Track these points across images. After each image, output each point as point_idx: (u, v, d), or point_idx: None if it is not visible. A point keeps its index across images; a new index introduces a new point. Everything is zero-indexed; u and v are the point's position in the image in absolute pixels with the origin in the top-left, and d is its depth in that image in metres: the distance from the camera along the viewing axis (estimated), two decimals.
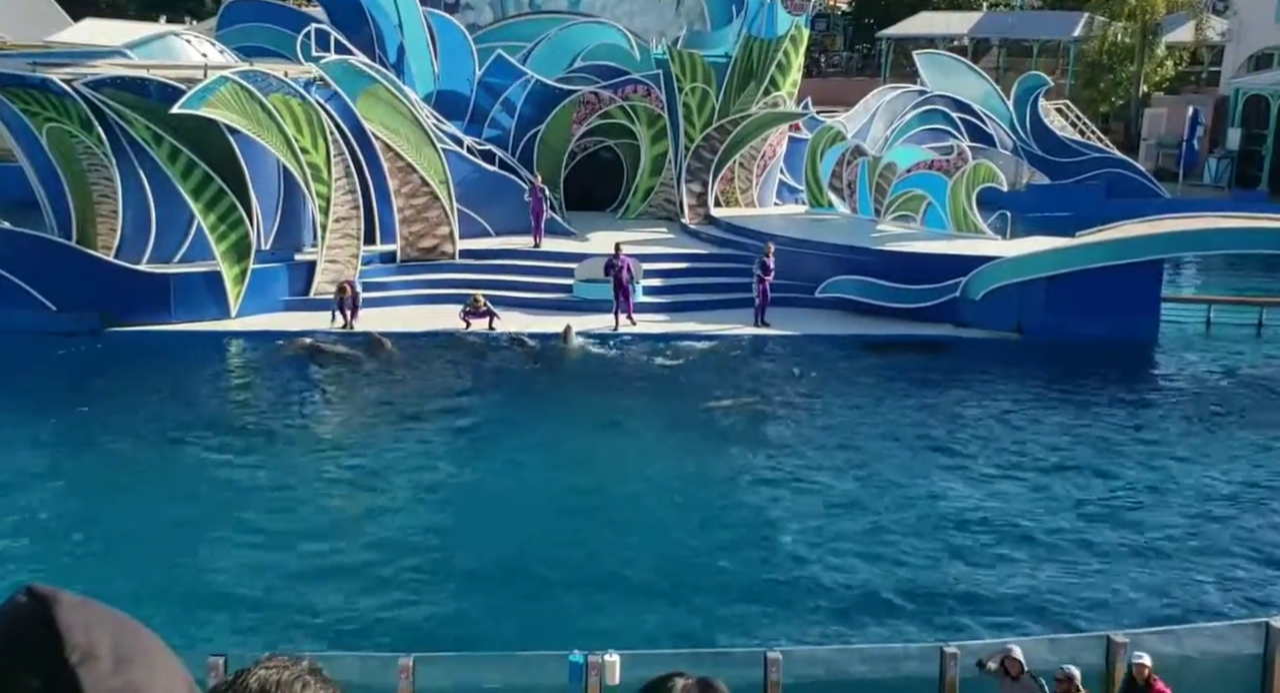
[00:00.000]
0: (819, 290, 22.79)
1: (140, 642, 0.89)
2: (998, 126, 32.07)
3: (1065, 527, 13.76)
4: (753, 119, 26.15)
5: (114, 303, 20.39)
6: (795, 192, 28.69)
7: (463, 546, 13.02)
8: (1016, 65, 46.27)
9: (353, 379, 19.14)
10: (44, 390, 17.94)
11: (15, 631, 0.85)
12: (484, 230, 24.38)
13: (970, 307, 21.99)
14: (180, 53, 25.60)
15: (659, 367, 19.98)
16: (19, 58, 24.08)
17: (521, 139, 26.39)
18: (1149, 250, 21.98)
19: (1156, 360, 21.58)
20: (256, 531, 13.23)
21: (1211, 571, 12.74)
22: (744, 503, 14.66)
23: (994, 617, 11.47)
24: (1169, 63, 43.50)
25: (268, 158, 21.31)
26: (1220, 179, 39.18)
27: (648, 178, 27.40)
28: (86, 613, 0.87)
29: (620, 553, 12.78)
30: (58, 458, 15.74)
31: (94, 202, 21.01)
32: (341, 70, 22.69)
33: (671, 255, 24.11)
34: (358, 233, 22.30)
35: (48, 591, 0.88)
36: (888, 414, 17.78)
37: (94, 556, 12.62)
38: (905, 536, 13.32)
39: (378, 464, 15.47)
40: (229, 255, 20.97)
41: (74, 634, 0.84)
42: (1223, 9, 47.59)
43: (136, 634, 0.90)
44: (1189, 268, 29.37)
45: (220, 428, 16.62)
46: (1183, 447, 16.80)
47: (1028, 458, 16.08)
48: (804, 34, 27.00)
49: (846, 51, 58.67)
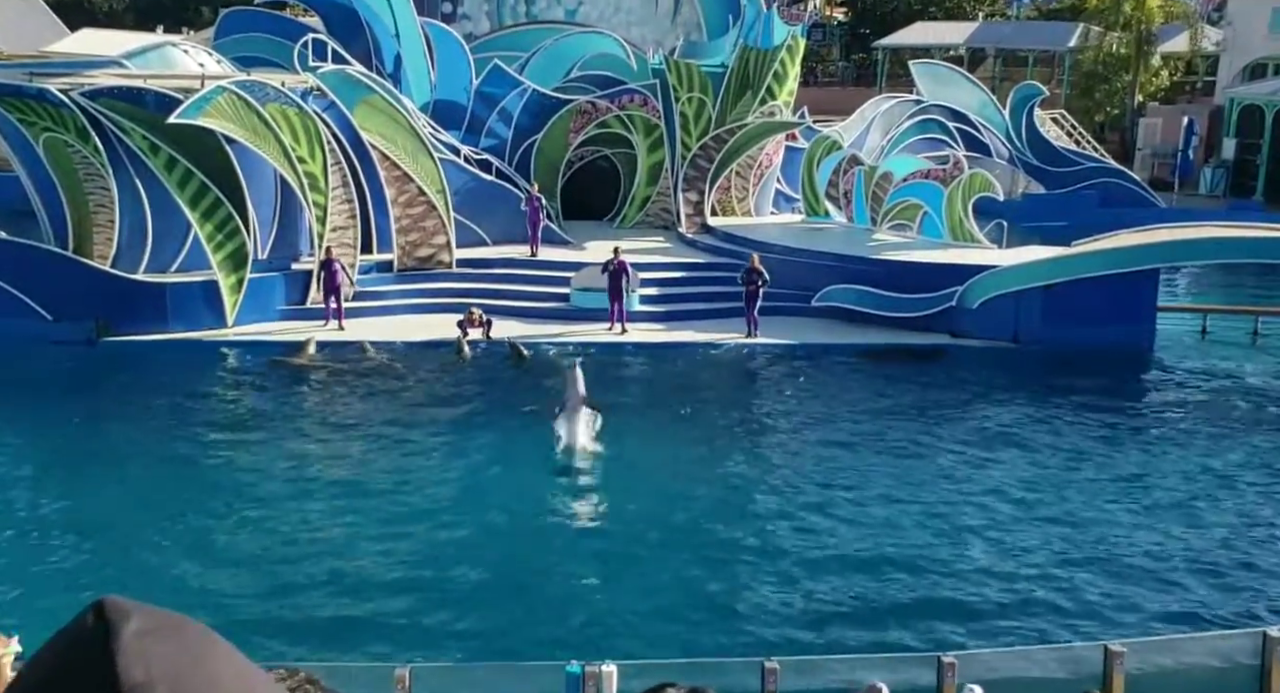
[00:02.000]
0: (815, 299, 22.81)
1: (208, 675, 0.81)
2: (993, 136, 32.16)
3: (1059, 535, 13.75)
4: (749, 128, 26.20)
5: (110, 312, 20.37)
6: (792, 201, 28.74)
7: (464, 558, 12.98)
8: (1012, 75, 46.43)
9: (346, 390, 19.09)
10: (38, 399, 17.89)
11: (73, 657, 0.79)
12: (480, 240, 24.40)
13: (966, 315, 22.02)
14: (177, 63, 25.61)
15: (656, 374, 19.96)
16: (16, 68, 24.07)
17: (518, 148, 26.43)
18: (1145, 259, 22.03)
19: (1152, 369, 21.61)
20: (249, 540, 13.20)
21: (1208, 579, 12.72)
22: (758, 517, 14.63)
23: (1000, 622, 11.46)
24: (1164, 73, 43.64)
25: (265, 167, 21.32)
26: (1215, 189, 39.29)
27: (644, 187, 27.44)
28: (153, 643, 0.79)
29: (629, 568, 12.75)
30: (47, 465, 15.67)
31: (90, 211, 21.01)
32: (338, 80, 22.72)
33: (668, 264, 24.13)
34: (355, 242, 22.32)
35: (116, 613, 0.80)
36: (883, 421, 17.77)
37: (80, 562, 12.57)
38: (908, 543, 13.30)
39: (373, 475, 15.43)
40: (226, 265, 20.96)
41: (132, 672, 0.77)
42: (1217, 19, 47.77)
43: (203, 666, 0.81)
44: (1185, 277, 29.44)
45: (211, 437, 16.58)
46: (1182, 455, 16.81)
47: (1036, 466, 16.09)
48: (800, 44, 27.08)
49: (843, 61, 58.83)
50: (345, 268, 21.62)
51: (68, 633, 0.80)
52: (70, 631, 0.80)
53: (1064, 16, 51.63)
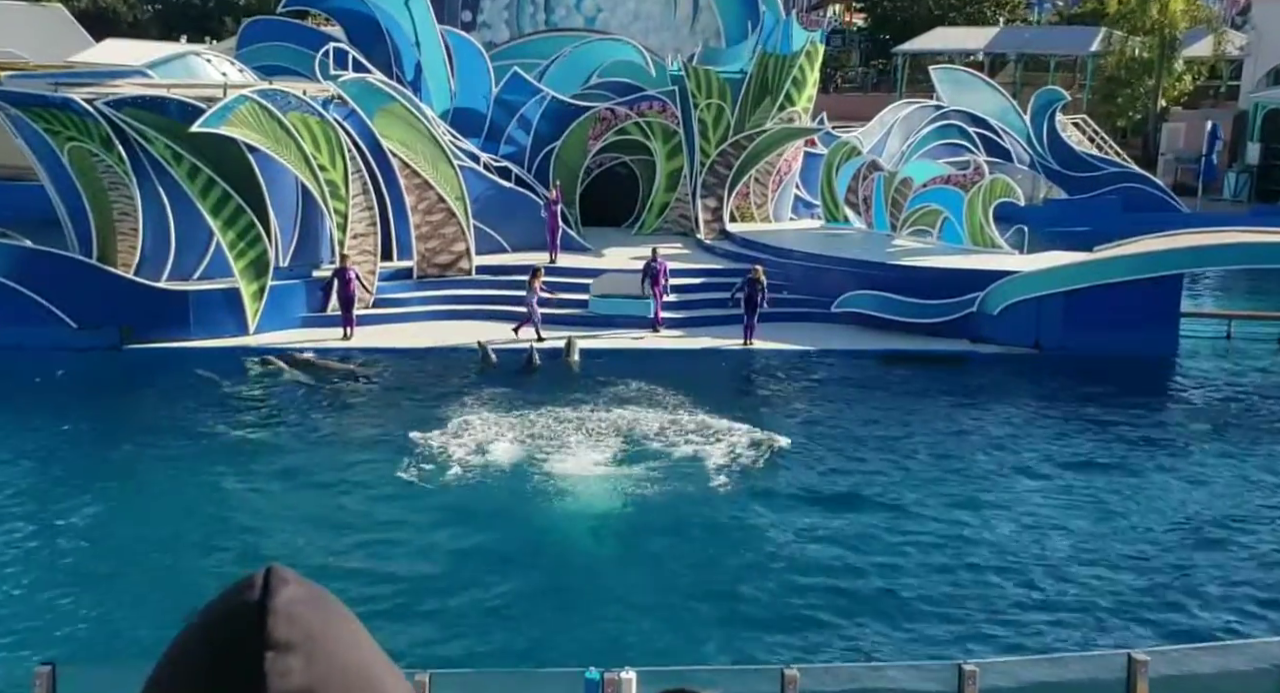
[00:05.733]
0: (835, 305, 22.75)
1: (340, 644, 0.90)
2: (1014, 141, 32.00)
3: (1087, 544, 13.65)
4: (768, 134, 26.18)
5: (134, 319, 20.53)
6: (811, 206, 28.69)
7: (482, 568, 12.99)
8: (1033, 80, 46.19)
9: (362, 397, 19.15)
10: (60, 404, 18.04)
11: (232, 608, 0.89)
12: (500, 246, 24.46)
13: (988, 321, 21.90)
14: (200, 72, 25.84)
15: (659, 381, 19.87)
16: (41, 78, 24.35)
17: (537, 155, 26.50)
18: (1168, 265, 21.85)
19: (1177, 375, 21.42)
20: (258, 545, 13.24)
21: (1238, 586, 12.60)
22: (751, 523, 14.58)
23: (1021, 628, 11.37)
24: (1187, 77, 43.34)
25: (286, 175, 21.45)
26: (1239, 194, 38.98)
27: (663, 193, 27.45)
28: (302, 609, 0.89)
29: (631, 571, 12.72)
30: (59, 470, 15.75)
31: (114, 219, 21.18)
32: (359, 88, 22.85)
33: (687, 270, 24.12)
34: (375, 249, 22.41)
35: (277, 579, 0.90)
36: (912, 428, 17.68)
37: (98, 568, 12.66)
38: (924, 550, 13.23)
39: (393, 482, 15.46)
40: (247, 272, 21.09)
41: (279, 630, 0.87)
42: (1241, 23, 47.42)
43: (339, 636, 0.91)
44: (1208, 282, 29.19)
45: (225, 444, 16.66)
46: (1211, 464, 16.66)
47: (1056, 473, 15.98)
48: (819, 50, 27.05)
49: (862, 67, 58.72)
50: (361, 277, 21.67)
51: (234, 588, 0.91)
52: (236, 587, 0.91)
53: (1086, 21, 51.35)
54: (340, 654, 0.90)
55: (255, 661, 0.86)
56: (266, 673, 0.86)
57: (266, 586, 0.89)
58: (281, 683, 0.86)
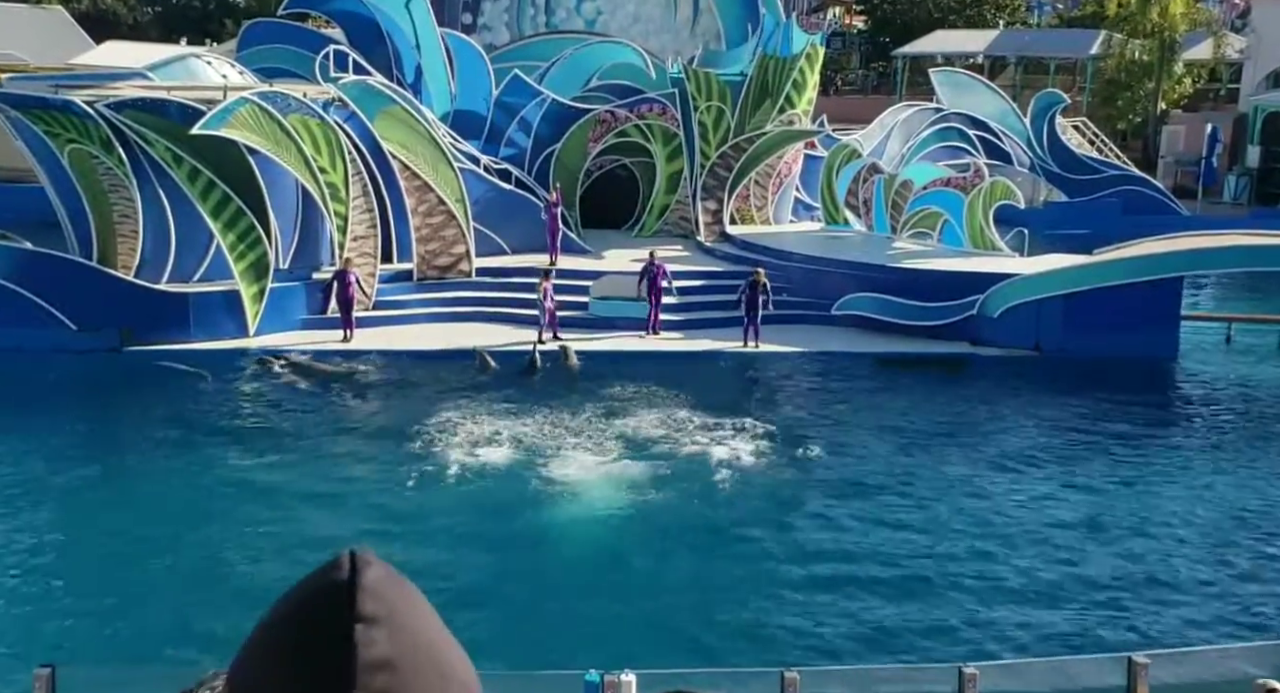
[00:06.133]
0: (835, 308, 22.75)
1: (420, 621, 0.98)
2: (1015, 144, 31.99)
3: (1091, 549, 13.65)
4: (768, 137, 26.20)
5: (134, 322, 20.53)
6: (811, 209, 28.70)
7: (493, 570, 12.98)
8: (1033, 83, 46.21)
9: (361, 399, 19.15)
10: (59, 406, 18.04)
11: (323, 585, 0.97)
12: (500, 249, 24.47)
13: (988, 324, 21.90)
14: (201, 74, 25.85)
15: (662, 383, 19.88)
16: (42, 80, 24.33)
17: (538, 158, 26.51)
18: (1168, 268, 21.86)
19: (1176, 378, 21.43)
20: (257, 546, 13.23)
21: (1238, 586, 12.59)
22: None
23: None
24: (1187, 80, 43.35)
25: (286, 178, 21.46)
26: (1239, 196, 38.98)
27: (663, 196, 27.46)
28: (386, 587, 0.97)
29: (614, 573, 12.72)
30: (58, 471, 15.74)
31: (114, 221, 21.18)
32: (359, 91, 22.86)
33: (687, 273, 24.11)
34: (375, 251, 22.41)
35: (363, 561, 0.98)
36: (912, 430, 17.68)
37: (90, 568, 12.65)
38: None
39: (393, 483, 15.45)
40: (247, 275, 21.09)
41: (367, 606, 0.95)
42: (1241, 26, 47.45)
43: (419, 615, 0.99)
44: (1208, 285, 29.19)
45: (224, 445, 16.65)
46: (1211, 466, 16.67)
47: (1058, 474, 15.98)
48: (819, 52, 27.07)
49: (862, 69, 58.77)
50: (361, 281, 21.66)
51: (323, 569, 0.99)
52: (325, 568, 0.99)
53: (1086, 24, 51.39)
54: (416, 629, 0.98)
55: (346, 631, 0.94)
56: (356, 643, 0.94)
57: (353, 566, 0.97)
58: (367, 653, 0.94)
